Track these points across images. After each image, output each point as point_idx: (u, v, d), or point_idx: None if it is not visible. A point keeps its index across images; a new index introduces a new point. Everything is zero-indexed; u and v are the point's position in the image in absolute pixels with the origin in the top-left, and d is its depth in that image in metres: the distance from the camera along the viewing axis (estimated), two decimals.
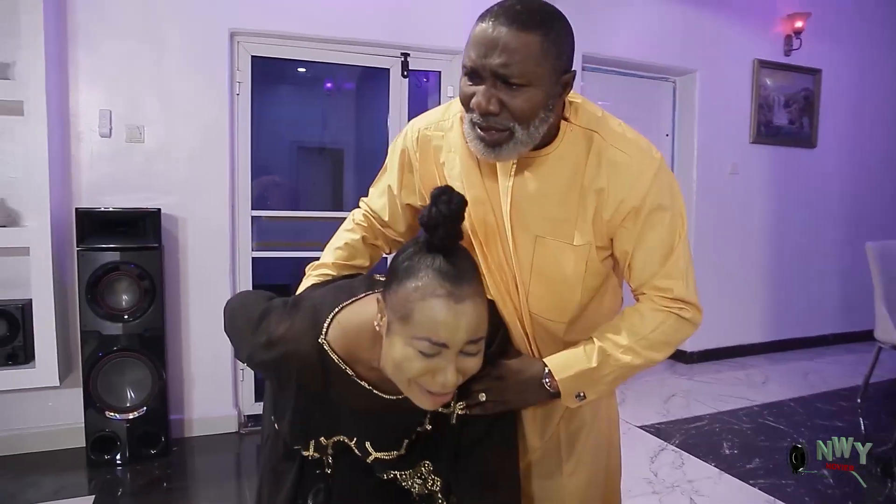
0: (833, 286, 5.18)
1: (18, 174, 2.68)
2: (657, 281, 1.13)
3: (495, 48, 0.96)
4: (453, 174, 1.19)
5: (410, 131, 1.29)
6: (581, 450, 1.26)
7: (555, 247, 1.13)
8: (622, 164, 1.08)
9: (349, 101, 4.70)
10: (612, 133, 1.11)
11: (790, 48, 4.68)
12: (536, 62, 0.98)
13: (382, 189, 1.37)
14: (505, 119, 1.01)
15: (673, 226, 1.12)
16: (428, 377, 0.96)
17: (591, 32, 3.92)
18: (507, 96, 0.99)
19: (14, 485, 2.55)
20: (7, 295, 2.71)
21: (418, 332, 0.93)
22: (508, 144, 1.03)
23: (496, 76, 0.98)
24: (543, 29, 0.98)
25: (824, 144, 4.94)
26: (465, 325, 0.94)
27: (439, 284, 0.93)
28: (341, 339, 1.05)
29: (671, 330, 1.15)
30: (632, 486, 2.57)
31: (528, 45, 0.96)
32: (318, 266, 1.34)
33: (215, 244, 3.06)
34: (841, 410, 3.56)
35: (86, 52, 2.81)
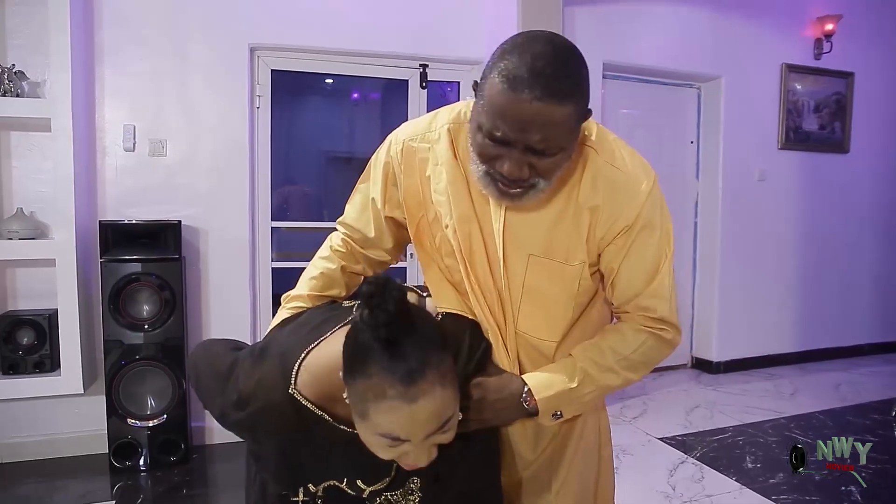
0: (868, 295, 5.02)
1: (47, 189, 2.78)
2: (641, 300, 1.12)
3: (532, 125, 0.91)
4: (439, 188, 1.15)
5: (394, 143, 1.22)
6: (568, 466, 1.24)
7: (548, 266, 1.11)
8: (618, 182, 1.06)
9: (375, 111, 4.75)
10: (607, 149, 1.08)
11: (820, 52, 4.57)
12: (572, 130, 0.96)
13: (365, 203, 1.29)
14: (531, 178, 0.98)
15: (661, 245, 1.11)
16: (401, 458, 0.95)
17: (613, 40, 3.91)
18: (538, 161, 0.96)
19: (42, 488, 2.64)
20: (35, 305, 2.81)
21: (377, 428, 0.91)
22: (528, 194, 1.01)
23: (530, 149, 0.94)
24: (577, 93, 0.94)
25: (857, 149, 4.80)
26: (424, 422, 0.90)
27: (389, 385, 0.88)
28: (313, 384, 1.02)
29: (651, 350, 1.14)
30: (647, 499, 2.53)
31: (565, 119, 0.93)
32: (292, 298, 1.28)
33: (235, 255, 3.12)
34: (874, 424, 3.44)
35: (111, 70, 2.91)
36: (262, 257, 3.26)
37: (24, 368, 2.70)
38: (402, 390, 0.87)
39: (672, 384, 4.18)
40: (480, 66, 3.53)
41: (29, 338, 2.70)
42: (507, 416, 1.13)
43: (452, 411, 0.94)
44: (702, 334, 4.55)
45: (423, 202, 1.18)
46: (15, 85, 2.64)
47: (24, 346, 2.70)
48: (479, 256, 1.13)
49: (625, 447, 3.06)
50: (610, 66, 3.97)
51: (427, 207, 1.17)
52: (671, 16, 4.09)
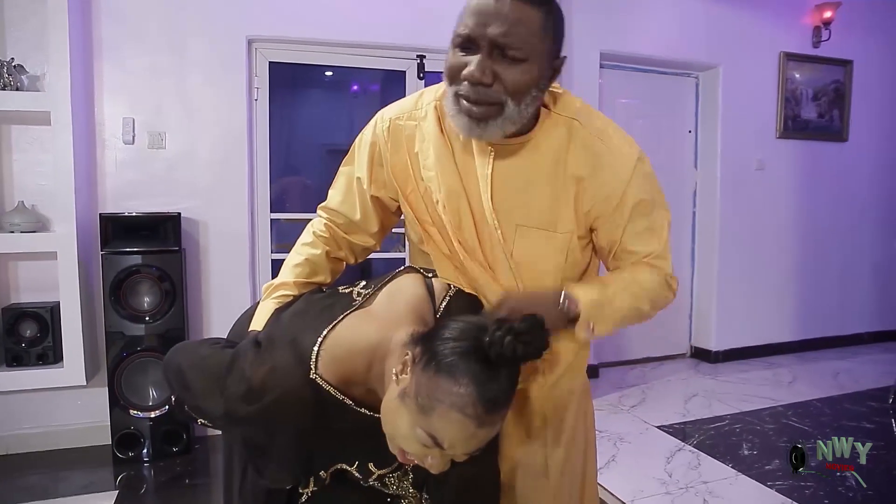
0: (867, 284, 5.03)
1: (47, 182, 2.80)
2: (650, 261, 1.16)
3: (497, 17, 0.94)
4: (427, 164, 1.16)
5: (380, 121, 1.23)
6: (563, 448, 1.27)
7: (536, 236, 1.12)
8: (602, 156, 1.09)
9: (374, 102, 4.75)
10: (592, 123, 1.11)
11: (819, 40, 4.56)
12: (538, 37, 0.97)
13: (349, 185, 1.29)
14: (497, 91, 0.98)
15: (659, 215, 1.15)
16: (419, 457, 0.96)
17: (611, 29, 3.91)
18: (503, 68, 0.97)
19: (46, 479, 2.66)
20: (37, 297, 2.84)
21: (428, 427, 0.92)
22: (496, 120, 1.00)
23: (494, 46, 0.96)
24: (546, 6, 0.98)
25: (856, 138, 4.80)
26: (473, 444, 0.94)
27: (472, 405, 0.90)
28: (333, 368, 1.01)
29: (660, 290, 1.17)
30: (644, 486, 2.56)
31: (531, 19, 0.96)
32: (277, 286, 1.25)
33: (235, 247, 3.14)
34: (870, 412, 3.46)
35: (110, 64, 2.92)
36: (261, 249, 3.28)
37: (28, 361, 2.72)
38: (480, 413, 0.91)
39: (671, 373, 4.20)
40: None
41: (32, 330, 2.73)
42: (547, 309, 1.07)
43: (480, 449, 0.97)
44: (701, 323, 4.57)
45: (413, 177, 1.19)
46: (15, 79, 2.64)
47: (26, 338, 2.72)
48: (469, 230, 1.15)
49: (622, 435, 3.08)
50: (608, 56, 3.97)
51: (417, 182, 1.18)
52: (669, 5, 4.09)
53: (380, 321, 1.05)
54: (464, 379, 0.91)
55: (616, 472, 2.68)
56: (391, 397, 0.97)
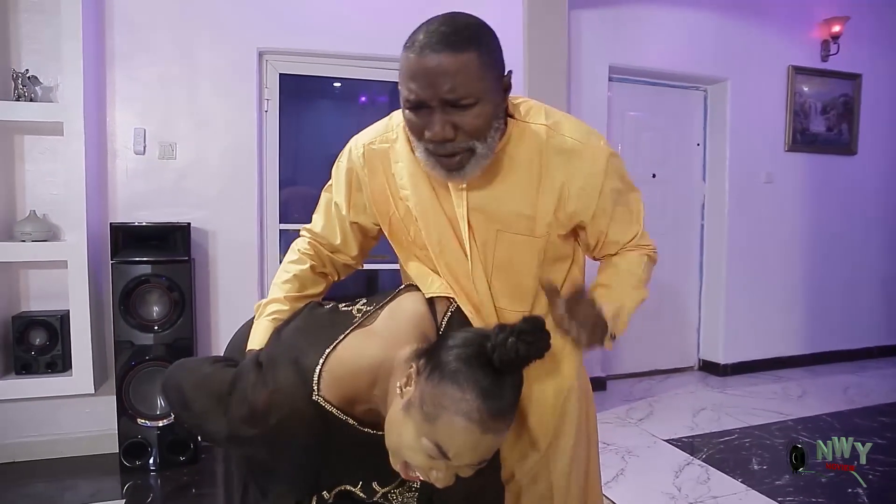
0: (876, 297, 4.99)
1: (59, 191, 2.82)
2: (635, 244, 1.25)
3: (438, 76, 0.96)
4: (403, 183, 1.19)
5: (354, 148, 1.26)
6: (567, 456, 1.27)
7: (515, 240, 1.17)
8: (576, 151, 1.13)
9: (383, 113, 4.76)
10: (559, 125, 1.14)
11: (828, 53, 4.56)
12: (479, 78, 0.99)
13: (329, 211, 1.32)
14: (462, 140, 1.01)
15: (633, 197, 1.23)
16: (424, 470, 0.96)
17: (620, 43, 3.93)
18: (459, 118, 0.99)
19: (53, 487, 2.67)
20: (47, 306, 2.85)
21: (433, 435, 0.92)
22: (471, 162, 1.04)
23: (445, 102, 0.98)
24: (475, 44, 0.99)
25: (865, 151, 4.78)
26: (479, 453, 0.94)
27: (478, 410, 0.91)
28: (336, 388, 1.01)
29: (649, 267, 1.27)
30: (653, 500, 2.54)
31: (469, 64, 0.97)
32: (268, 303, 1.25)
33: (244, 257, 3.15)
34: (881, 427, 3.43)
35: (122, 75, 2.95)
36: (270, 259, 3.29)
37: (37, 368, 2.74)
38: (486, 419, 0.91)
39: (679, 386, 4.18)
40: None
41: (41, 338, 2.74)
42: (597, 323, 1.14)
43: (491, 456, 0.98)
44: (709, 336, 4.55)
45: (393, 198, 1.22)
46: (29, 90, 2.68)
47: (36, 346, 2.74)
48: (451, 244, 1.17)
49: (630, 448, 3.06)
50: (616, 69, 3.98)
51: (396, 203, 1.21)
52: (677, 18, 4.10)
53: (382, 339, 1.06)
54: (469, 385, 0.92)
55: (624, 486, 2.66)
56: (395, 410, 0.97)
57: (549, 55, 3.47)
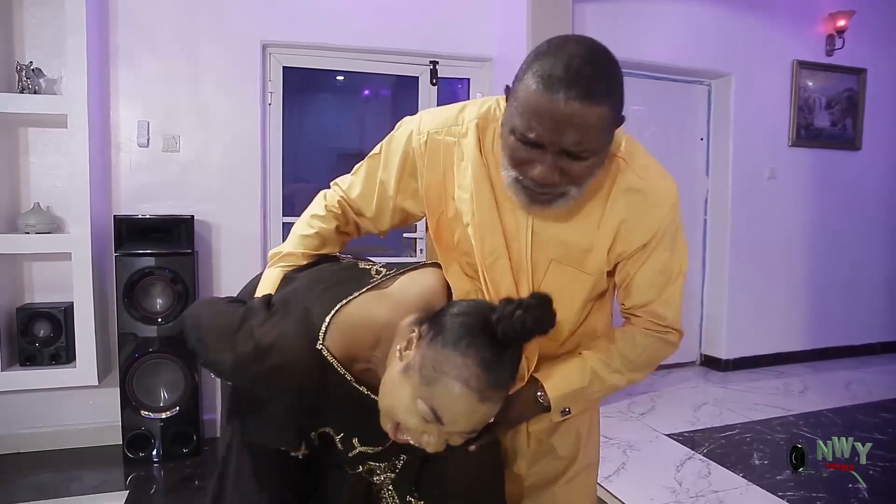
0: (879, 294, 4.99)
1: (63, 184, 2.83)
2: (654, 307, 1.15)
3: (569, 125, 0.88)
4: (463, 185, 1.13)
5: (417, 133, 1.16)
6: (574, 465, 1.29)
7: (567, 272, 1.12)
8: (643, 194, 1.06)
9: (386, 107, 4.77)
10: (636, 160, 1.08)
11: (832, 48, 4.55)
12: (606, 134, 0.94)
13: (371, 182, 1.25)
14: (563, 185, 0.96)
15: (677, 257, 1.13)
16: (415, 434, 0.97)
17: (623, 37, 3.91)
18: (570, 166, 0.93)
19: (58, 478, 2.69)
20: (51, 298, 2.87)
21: (429, 399, 0.93)
22: (559, 201, 0.99)
23: (563, 151, 0.91)
24: (612, 97, 0.91)
25: (869, 146, 4.77)
26: (472, 421, 0.95)
27: (476, 376, 0.92)
28: (340, 342, 1.02)
29: (656, 353, 1.18)
30: (654, 494, 2.55)
31: (601, 118, 0.90)
32: (284, 255, 1.24)
33: (247, 250, 3.16)
34: (883, 422, 3.44)
35: (125, 68, 2.96)
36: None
37: (41, 360, 2.75)
38: (483, 388, 0.92)
39: (680, 381, 4.18)
40: (490, 63, 3.56)
41: (45, 330, 2.75)
42: (527, 413, 1.16)
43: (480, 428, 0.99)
44: (711, 332, 4.55)
45: (444, 197, 1.16)
46: (33, 82, 2.69)
47: (40, 338, 2.75)
48: (501, 260, 1.12)
49: (632, 443, 3.07)
50: (620, 63, 3.95)
51: (447, 203, 1.16)
52: (681, 12, 4.09)
53: (393, 303, 1.06)
54: (471, 352, 0.92)
55: (626, 480, 2.67)
56: (393, 372, 0.99)
57: None
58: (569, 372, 1.15)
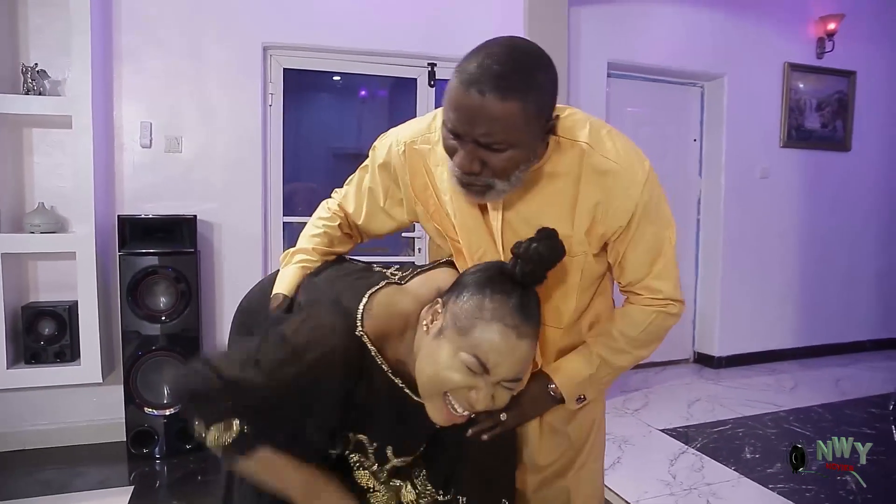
0: (870, 292, 5.08)
1: (67, 184, 2.86)
2: (648, 282, 1.19)
3: (476, 117, 0.94)
4: (443, 187, 1.19)
5: (395, 144, 1.24)
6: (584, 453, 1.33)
7: None
8: (613, 174, 1.09)
9: (383, 108, 4.81)
10: (601, 143, 1.11)
11: (823, 51, 4.63)
12: (518, 128, 0.96)
13: (361, 191, 1.34)
14: (486, 176, 1.01)
15: (663, 229, 1.17)
16: (462, 392, 0.98)
17: (618, 39, 3.98)
18: (489, 157, 0.98)
19: (63, 474, 2.71)
20: (56, 297, 2.90)
21: (471, 348, 0.96)
22: (490, 193, 1.05)
23: (478, 143, 0.97)
24: (523, 92, 0.94)
25: (859, 147, 4.86)
26: (515, 361, 0.98)
27: (510, 314, 0.97)
28: (373, 327, 1.04)
29: (658, 327, 1.22)
30: (648, 487, 2.61)
31: (510, 114, 0.94)
32: (296, 252, 1.29)
33: (248, 249, 3.20)
34: (871, 417, 3.51)
35: (129, 69, 2.99)
36: (274, 251, 3.34)
37: (46, 358, 2.78)
38: (518, 324, 0.97)
39: (674, 378, 4.25)
40: None
41: (50, 328, 2.79)
42: (540, 407, 1.22)
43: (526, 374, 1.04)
44: (704, 330, 4.62)
45: (437, 198, 1.23)
46: (38, 83, 2.72)
47: (45, 336, 2.78)
48: (488, 255, 1.18)
49: (626, 438, 3.13)
50: (615, 65, 4.04)
51: (440, 202, 1.22)
52: (675, 15, 4.15)
53: (414, 296, 1.10)
54: (497, 295, 0.98)
55: (620, 474, 2.73)
56: (426, 344, 1.02)
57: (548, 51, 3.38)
58: (576, 361, 1.21)
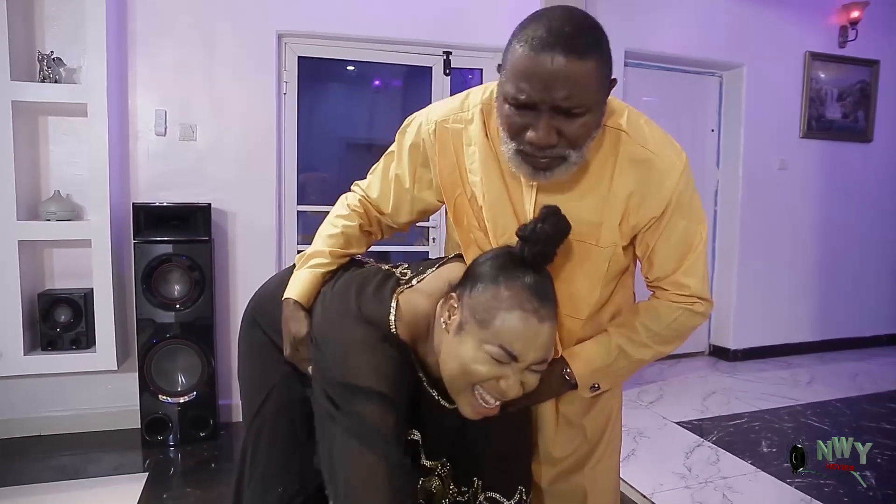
0: (887, 286, 5.00)
1: (82, 172, 2.87)
2: (677, 277, 1.16)
3: (556, 81, 0.91)
4: (473, 168, 1.17)
5: (425, 123, 1.21)
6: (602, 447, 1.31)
7: (578, 248, 1.14)
8: (650, 164, 1.08)
9: (396, 97, 4.79)
10: (639, 132, 1.09)
11: (845, 39, 4.54)
12: (595, 88, 0.94)
13: (387, 178, 1.30)
14: (561, 147, 0.97)
15: (695, 224, 1.14)
16: (492, 383, 0.98)
17: (635, 28, 3.92)
18: (565, 125, 0.95)
19: (78, 460, 2.74)
20: (71, 284, 2.92)
21: (495, 338, 0.96)
22: (561, 167, 1.00)
23: (556, 109, 0.93)
24: (598, 51, 0.93)
25: (881, 138, 4.77)
26: (541, 345, 0.98)
27: (527, 299, 0.96)
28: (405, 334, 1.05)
29: (683, 325, 1.19)
30: (664, 480, 2.58)
31: (588, 73, 0.92)
32: (311, 255, 1.25)
33: (262, 238, 3.20)
34: (889, 413, 3.46)
35: (144, 57, 2.99)
36: (287, 240, 3.34)
37: (62, 345, 2.80)
38: (538, 307, 0.97)
39: (689, 371, 4.22)
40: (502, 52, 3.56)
41: (66, 315, 2.80)
42: (554, 389, 1.20)
43: (551, 355, 1.03)
44: (719, 322, 4.58)
45: (459, 181, 1.19)
46: (53, 71, 2.72)
47: (61, 323, 2.80)
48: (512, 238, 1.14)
49: (641, 430, 3.11)
50: (632, 54, 3.98)
51: (464, 186, 1.19)
52: (693, 4, 4.09)
53: (429, 296, 1.10)
54: (513, 282, 0.98)
55: (636, 466, 2.71)
56: (447, 341, 1.02)
57: None
58: (594, 349, 1.19)
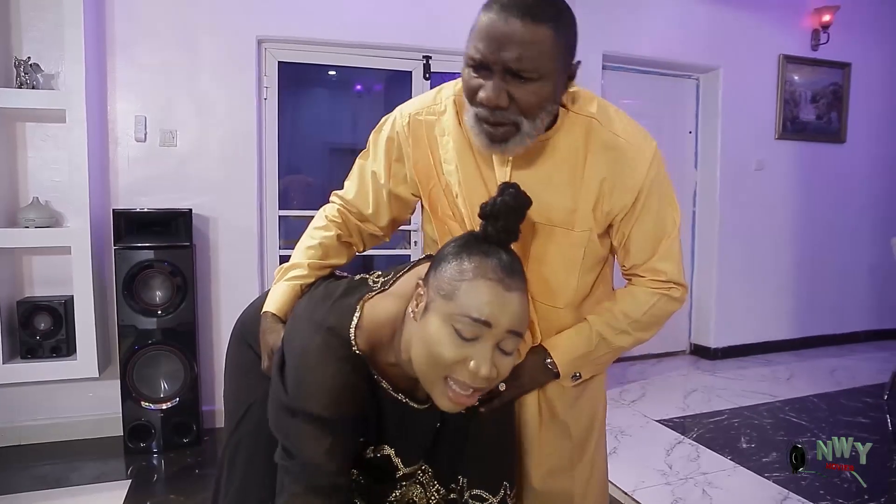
0: (865, 283, 5.10)
1: (62, 178, 2.85)
2: (652, 263, 1.19)
3: (508, 42, 0.93)
4: (447, 157, 1.18)
5: (399, 118, 1.24)
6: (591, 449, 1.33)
7: (553, 233, 1.15)
8: (621, 150, 1.11)
9: (378, 102, 4.81)
10: (609, 119, 1.13)
11: (818, 42, 4.63)
12: (550, 56, 0.96)
13: (364, 177, 1.30)
14: (512, 113, 0.99)
15: (668, 211, 1.18)
16: (461, 366, 0.94)
17: (613, 31, 3.97)
18: (517, 89, 0.97)
19: (59, 469, 2.71)
20: (51, 291, 2.90)
21: (460, 309, 0.93)
22: (515, 138, 1.02)
23: (507, 70, 0.95)
24: (555, 21, 0.96)
25: (853, 139, 4.87)
26: (511, 312, 0.95)
27: (491, 269, 0.94)
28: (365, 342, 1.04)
29: (661, 311, 1.22)
30: (645, 477, 2.62)
31: (542, 39, 0.94)
32: (289, 267, 1.26)
33: (244, 243, 3.19)
34: (866, 407, 3.53)
35: (123, 63, 2.98)
36: (269, 244, 3.34)
37: (42, 353, 2.77)
38: (503, 277, 0.95)
39: (670, 369, 4.27)
40: None
41: (46, 323, 2.78)
42: (538, 379, 1.22)
43: (524, 330, 1.01)
44: (700, 321, 4.64)
45: (435, 171, 1.21)
46: (30, 77, 2.70)
47: (41, 331, 2.77)
48: None
49: (623, 428, 3.15)
50: (610, 58, 4.03)
51: (439, 176, 1.21)
52: (671, 7, 4.16)
53: (398, 297, 1.09)
54: (473, 256, 0.97)
55: (618, 464, 2.74)
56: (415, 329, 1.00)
57: None
58: (574, 337, 1.21)
